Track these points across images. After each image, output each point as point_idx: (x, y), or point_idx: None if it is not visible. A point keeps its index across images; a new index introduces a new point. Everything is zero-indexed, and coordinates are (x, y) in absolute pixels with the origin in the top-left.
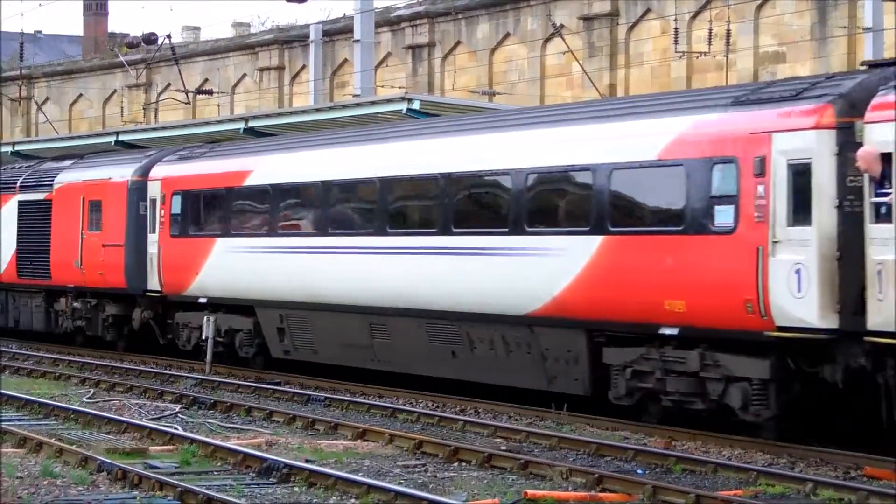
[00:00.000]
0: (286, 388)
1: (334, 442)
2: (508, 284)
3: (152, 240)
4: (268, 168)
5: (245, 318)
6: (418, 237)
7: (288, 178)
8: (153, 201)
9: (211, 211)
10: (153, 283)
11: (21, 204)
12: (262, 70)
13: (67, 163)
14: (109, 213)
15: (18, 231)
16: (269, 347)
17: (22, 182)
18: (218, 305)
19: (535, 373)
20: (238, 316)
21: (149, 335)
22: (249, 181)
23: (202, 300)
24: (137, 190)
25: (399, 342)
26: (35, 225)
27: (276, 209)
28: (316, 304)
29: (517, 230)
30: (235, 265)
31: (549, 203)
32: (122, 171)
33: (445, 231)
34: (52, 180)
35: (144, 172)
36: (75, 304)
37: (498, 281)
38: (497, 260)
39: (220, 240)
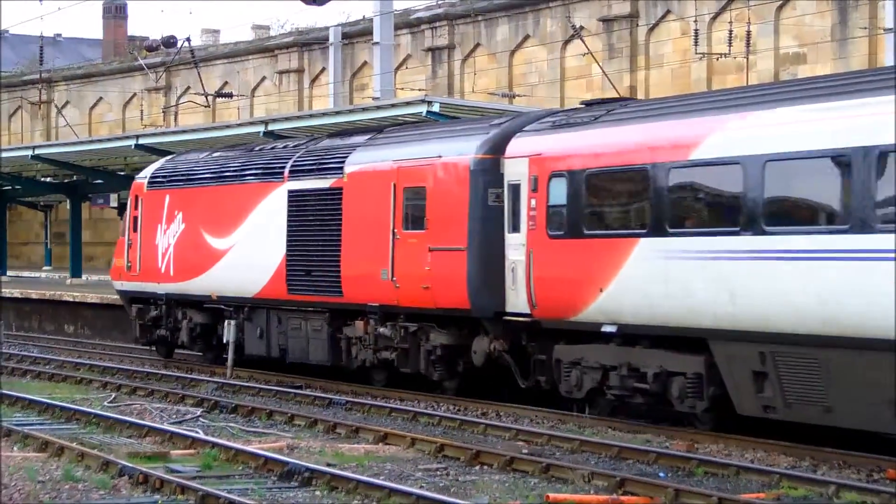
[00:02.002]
0: (307, 392)
1: (356, 446)
2: None
3: (514, 241)
4: (742, 132)
5: (689, 356)
6: None
7: (789, 145)
8: (514, 187)
9: (625, 199)
10: (516, 302)
11: (293, 195)
12: (281, 73)
13: (362, 138)
14: (439, 204)
15: (289, 231)
16: (735, 400)
17: (293, 166)
18: (634, 337)
19: None
20: (676, 353)
21: (498, 375)
22: (703, 152)
23: (608, 328)
24: (485, 172)
25: None
26: (316, 222)
27: (757, 194)
28: (841, 337)
29: None
30: (676, 278)
31: None
32: (458, 147)
33: None
34: (342, 162)
35: (496, 148)
36: (381, 330)
37: None
38: None
39: (644, 241)
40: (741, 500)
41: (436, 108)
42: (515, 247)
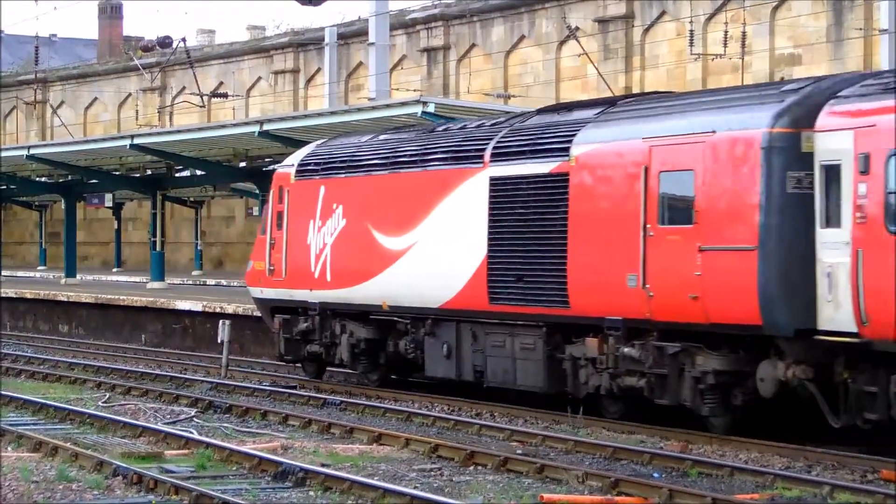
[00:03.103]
0: (302, 392)
1: (350, 446)
2: None
3: (832, 239)
4: None
5: None
6: None
7: None
8: (830, 169)
9: None
10: (834, 316)
11: (497, 183)
12: (276, 73)
13: (589, 112)
14: (714, 192)
15: (492, 227)
16: None
17: (497, 147)
18: None
19: None
20: None
21: (790, 410)
22: None
23: None
24: (782, 150)
25: None
26: (530, 216)
27: None
28: None
29: None
30: None
31: None
32: (740, 119)
33: None
34: (568, 141)
35: (798, 119)
36: (625, 350)
37: None
38: None
39: None
40: (735, 500)
41: (431, 108)
42: (833, 246)
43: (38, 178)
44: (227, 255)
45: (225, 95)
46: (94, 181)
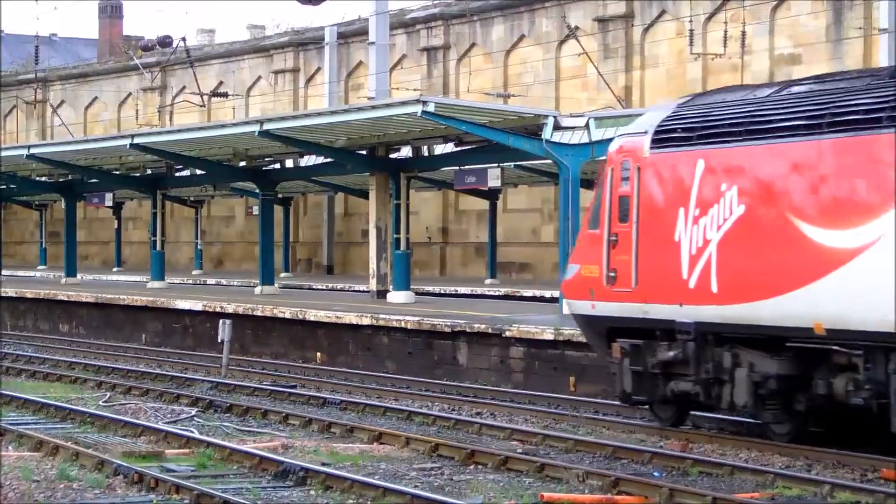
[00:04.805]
0: (302, 392)
1: (350, 445)
2: None
3: None
4: None
5: None
6: None
7: None
8: None
9: None
10: None
11: None
12: (277, 72)
13: None
14: None
15: None
16: None
17: None
18: None
19: None
20: None
21: None
22: None
23: None
24: None
25: None
26: None
27: None
28: None
29: None
30: None
31: None
32: None
33: None
34: None
35: None
36: None
37: None
38: None
39: None
40: (736, 499)
41: (431, 108)
42: None
43: (38, 178)
44: (227, 255)
45: (225, 95)
46: (94, 181)
